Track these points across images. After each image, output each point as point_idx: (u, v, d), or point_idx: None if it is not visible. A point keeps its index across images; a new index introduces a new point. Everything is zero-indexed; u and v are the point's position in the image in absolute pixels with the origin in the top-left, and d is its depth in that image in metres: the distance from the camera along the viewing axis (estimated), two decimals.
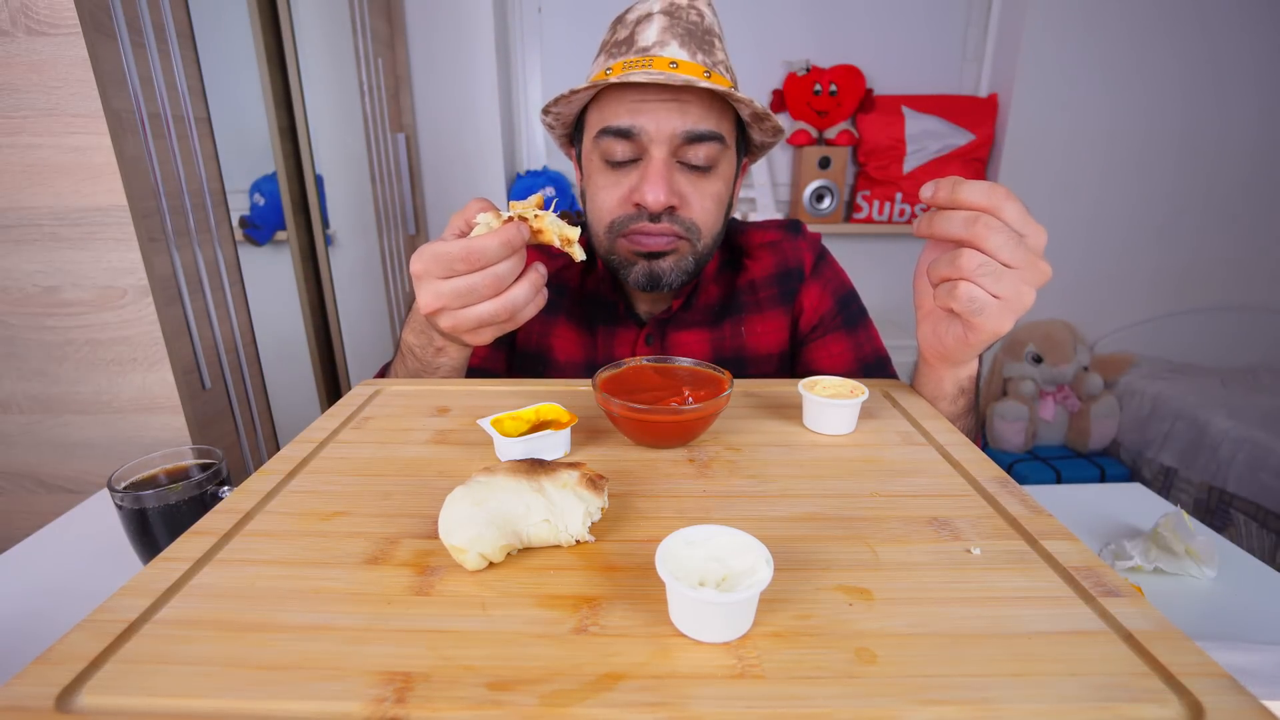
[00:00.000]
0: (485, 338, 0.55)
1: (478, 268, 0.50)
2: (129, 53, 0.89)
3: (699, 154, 0.67)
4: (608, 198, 0.70)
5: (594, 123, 0.70)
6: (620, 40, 0.69)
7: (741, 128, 0.74)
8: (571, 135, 0.78)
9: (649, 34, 0.67)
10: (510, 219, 0.52)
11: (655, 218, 0.68)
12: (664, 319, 0.79)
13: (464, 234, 0.54)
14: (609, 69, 0.66)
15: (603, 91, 0.69)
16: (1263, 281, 2.27)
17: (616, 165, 0.69)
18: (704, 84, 0.63)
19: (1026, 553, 0.36)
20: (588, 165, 0.73)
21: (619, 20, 0.71)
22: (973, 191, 0.47)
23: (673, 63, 0.64)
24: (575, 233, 0.53)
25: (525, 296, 0.52)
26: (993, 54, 2.18)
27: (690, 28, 0.67)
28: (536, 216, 0.53)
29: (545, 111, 0.74)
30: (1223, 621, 0.58)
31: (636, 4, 0.70)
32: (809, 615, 0.31)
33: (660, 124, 0.65)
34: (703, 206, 0.69)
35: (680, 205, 0.68)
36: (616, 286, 0.80)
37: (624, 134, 0.66)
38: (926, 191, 0.50)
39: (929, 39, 2.18)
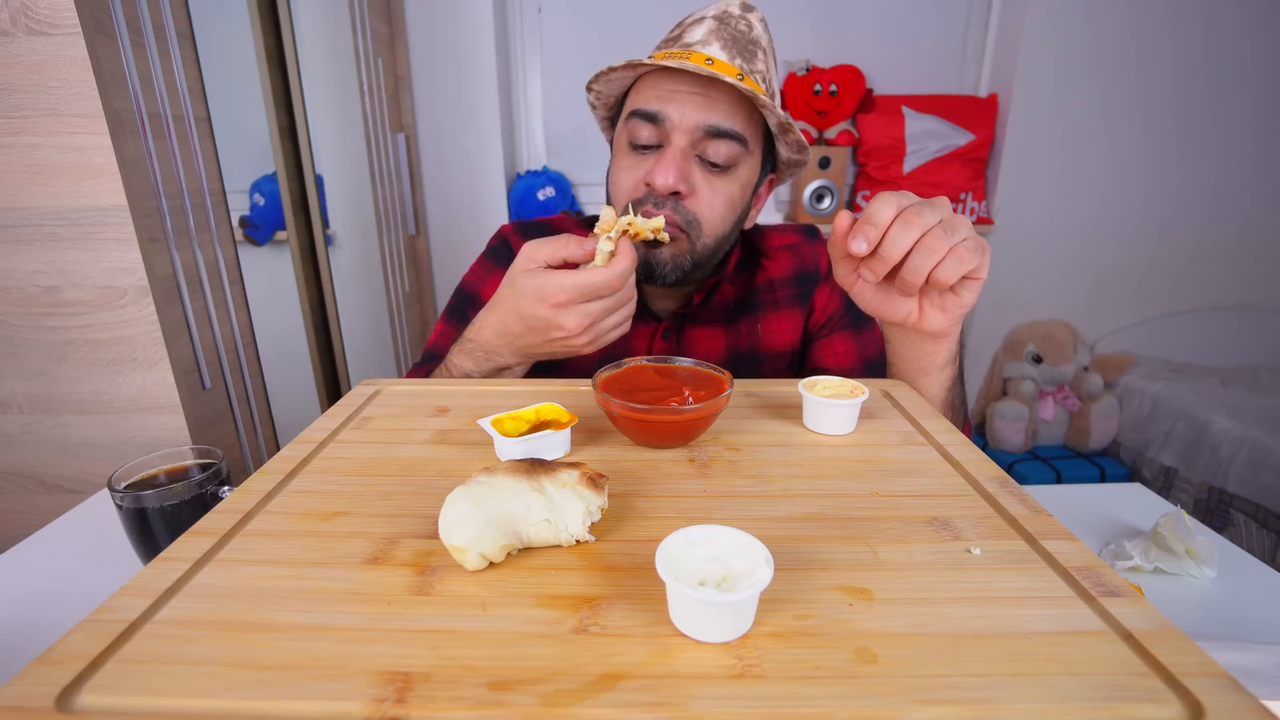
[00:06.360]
0: (597, 346, 0.62)
1: (618, 289, 0.58)
2: (129, 53, 0.89)
3: (719, 151, 0.69)
4: (626, 179, 0.72)
5: (628, 106, 0.73)
6: (670, 38, 0.73)
7: (771, 143, 0.75)
8: (612, 119, 0.81)
9: (695, 33, 0.70)
10: (623, 234, 0.60)
11: (660, 203, 0.69)
12: (682, 315, 0.80)
13: (569, 263, 0.60)
14: (650, 57, 0.69)
15: (641, 79, 0.72)
16: (1262, 281, 2.27)
17: (639, 149, 0.71)
18: (730, 80, 0.64)
19: (1026, 553, 0.36)
20: (616, 146, 0.75)
21: (678, 23, 0.74)
22: (880, 213, 0.50)
23: (709, 59, 0.66)
24: (658, 222, 0.61)
25: (633, 307, 0.61)
26: (993, 54, 2.18)
27: (736, 35, 0.70)
28: (631, 224, 0.59)
29: (588, 89, 0.76)
30: (1223, 621, 0.58)
31: (697, 10, 0.73)
32: (809, 615, 0.31)
33: (685, 114, 0.67)
34: (710, 203, 0.70)
35: (687, 194, 0.69)
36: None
37: (650, 118, 0.68)
38: (860, 247, 0.51)
39: (929, 39, 2.18)
